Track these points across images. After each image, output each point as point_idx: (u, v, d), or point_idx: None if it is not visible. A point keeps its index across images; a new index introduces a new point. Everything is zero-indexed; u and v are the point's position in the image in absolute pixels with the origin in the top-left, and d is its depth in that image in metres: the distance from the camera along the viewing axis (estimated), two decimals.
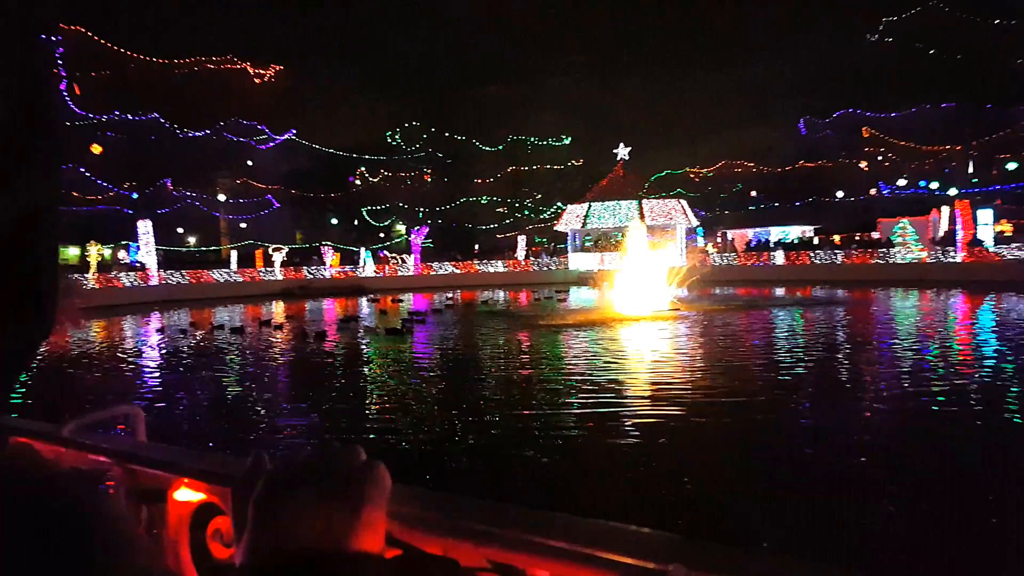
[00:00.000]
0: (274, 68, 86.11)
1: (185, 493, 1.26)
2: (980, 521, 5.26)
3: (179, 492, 1.26)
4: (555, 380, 11.37)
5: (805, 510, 5.57)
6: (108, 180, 65.11)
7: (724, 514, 5.63)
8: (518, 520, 0.63)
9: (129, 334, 22.07)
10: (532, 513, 0.64)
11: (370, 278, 45.06)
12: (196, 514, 1.29)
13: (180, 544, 1.29)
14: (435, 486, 0.63)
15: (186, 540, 1.29)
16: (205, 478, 1.21)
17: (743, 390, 10.03)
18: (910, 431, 7.95)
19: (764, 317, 19.93)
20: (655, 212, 44.72)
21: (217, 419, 9.80)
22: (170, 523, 1.27)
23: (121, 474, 1.30)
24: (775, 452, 7.22)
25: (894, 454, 7.11)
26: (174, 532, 1.29)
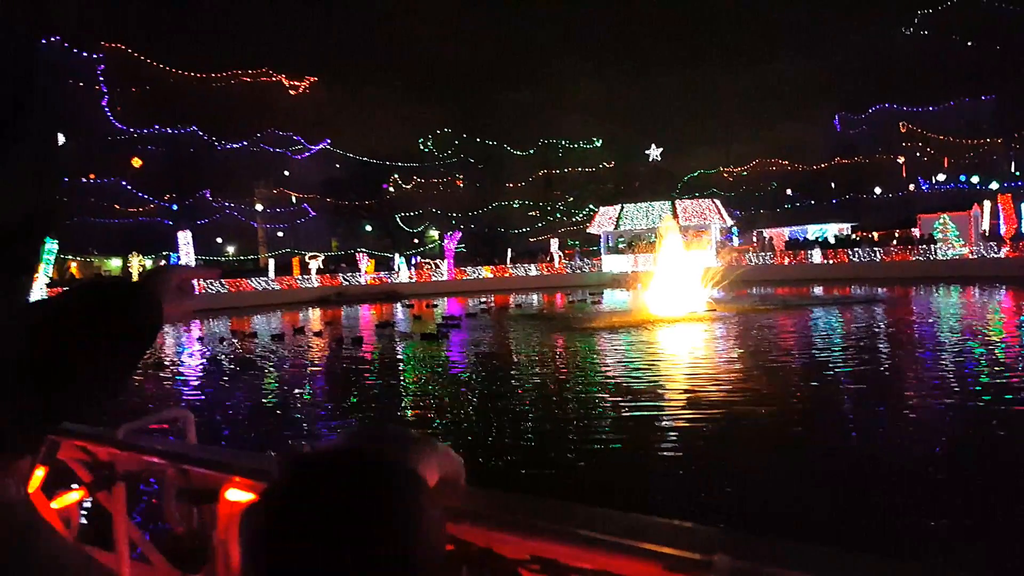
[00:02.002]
0: (308, 79, 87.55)
1: (236, 493, 1.28)
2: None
3: (230, 492, 1.28)
4: (591, 383, 11.29)
5: (852, 515, 5.42)
6: (148, 192, 66.90)
7: (767, 518, 5.52)
8: (562, 514, 0.63)
9: (172, 341, 22.61)
10: (575, 507, 0.64)
11: (405, 284, 45.44)
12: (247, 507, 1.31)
13: (231, 543, 1.31)
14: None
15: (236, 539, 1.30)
16: (256, 477, 1.23)
17: (784, 392, 9.83)
18: (961, 434, 7.69)
19: (803, 317, 19.52)
20: (688, 212, 44.23)
21: (261, 422, 9.97)
22: (220, 523, 1.29)
23: (174, 475, 1.32)
24: (818, 455, 7.06)
25: (943, 456, 6.89)
26: (224, 532, 1.30)
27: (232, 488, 1.25)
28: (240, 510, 1.32)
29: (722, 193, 66.81)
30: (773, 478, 6.35)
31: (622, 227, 46.50)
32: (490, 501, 0.66)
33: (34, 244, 0.36)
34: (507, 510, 0.64)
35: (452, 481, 0.56)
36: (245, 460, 1.27)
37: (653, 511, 0.62)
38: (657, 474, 6.71)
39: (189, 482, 1.30)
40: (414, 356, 15.88)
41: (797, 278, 37.09)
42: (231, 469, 1.26)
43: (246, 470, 1.24)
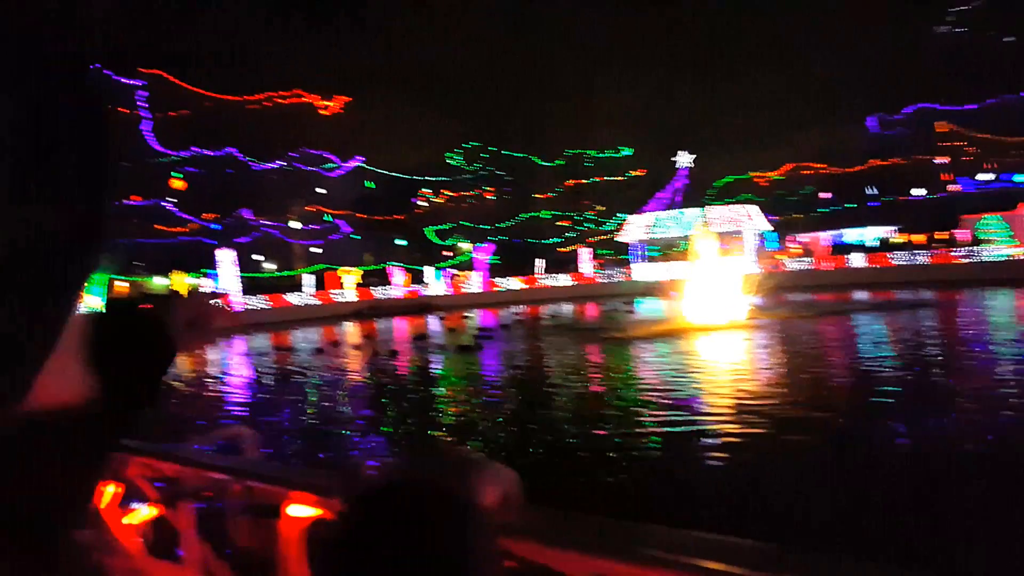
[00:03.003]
0: (339, 99, 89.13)
1: (298, 508, 1.31)
2: None
3: (291, 508, 1.31)
4: (630, 394, 11.18)
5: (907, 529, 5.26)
6: (190, 212, 68.64)
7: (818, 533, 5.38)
8: (624, 533, 0.62)
9: (218, 357, 23.08)
10: (636, 527, 0.63)
11: (438, 296, 45.73)
12: (311, 529, 1.34)
13: (292, 558, 1.34)
14: None
15: (298, 553, 1.33)
16: (317, 493, 1.26)
17: (831, 402, 9.60)
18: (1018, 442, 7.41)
19: (846, 323, 19.07)
20: (722, 219, 43.71)
21: (311, 436, 10.11)
22: (283, 537, 1.33)
23: (238, 491, 1.36)
24: (868, 468, 6.86)
25: (1000, 465, 6.64)
26: (287, 546, 1.34)
27: (293, 504, 1.28)
28: (302, 526, 1.35)
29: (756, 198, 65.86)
30: (823, 491, 6.20)
31: (654, 235, 46.13)
32: (551, 519, 0.66)
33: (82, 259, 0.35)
34: (568, 529, 0.64)
35: (511, 499, 0.57)
36: (305, 477, 1.30)
37: (699, 524, 0.63)
38: (702, 486, 6.60)
39: (252, 497, 1.33)
40: (451, 368, 15.95)
41: (838, 283, 36.28)
42: (292, 485, 1.29)
43: (307, 486, 1.26)
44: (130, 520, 1.36)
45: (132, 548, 1.38)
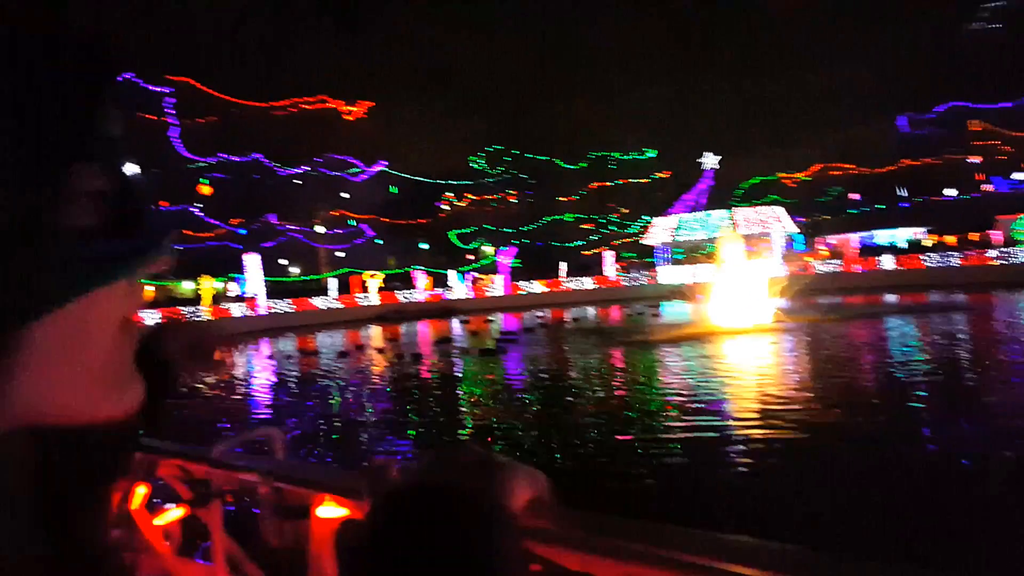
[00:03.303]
0: (363, 104, 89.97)
1: (327, 509, 1.29)
2: None
3: (321, 508, 1.30)
4: (655, 398, 11.08)
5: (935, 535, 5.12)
6: (217, 217, 69.70)
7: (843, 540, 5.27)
8: (657, 536, 0.61)
9: (244, 360, 23.38)
10: (669, 529, 0.62)
11: (461, 300, 45.85)
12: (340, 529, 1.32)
13: (324, 558, 1.32)
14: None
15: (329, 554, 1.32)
16: (346, 495, 1.24)
17: (860, 407, 9.41)
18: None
19: (877, 327, 18.71)
20: (749, 221, 43.21)
21: (336, 438, 10.19)
22: (314, 538, 1.31)
23: (268, 492, 1.35)
24: (897, 473, 6.71)
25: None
26: (317, 547, 1.32)
27: (322, 505, 1.26)
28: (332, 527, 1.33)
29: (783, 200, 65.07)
30: (851, 497, 6.07)
31: (679, 238, 45.78)
32: (583, 522, 0.65)
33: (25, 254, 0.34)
34: (601, 532, 0.63)
35: (541, 502, 0.57)
36: (334, 478, 1.28)
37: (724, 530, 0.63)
38: (727, 492, 6.50)
39: (281, 498, 1.32)
40: (474, 372, 15.96)
41: (868, 286, 35.66)
42: (321, 487, 1.27)
43: (336, 488, 1.25)
44: (160, 521, 1.36)
45: (162, 549, 1.38)
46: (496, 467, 0.51)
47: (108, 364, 0.35)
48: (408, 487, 0.46)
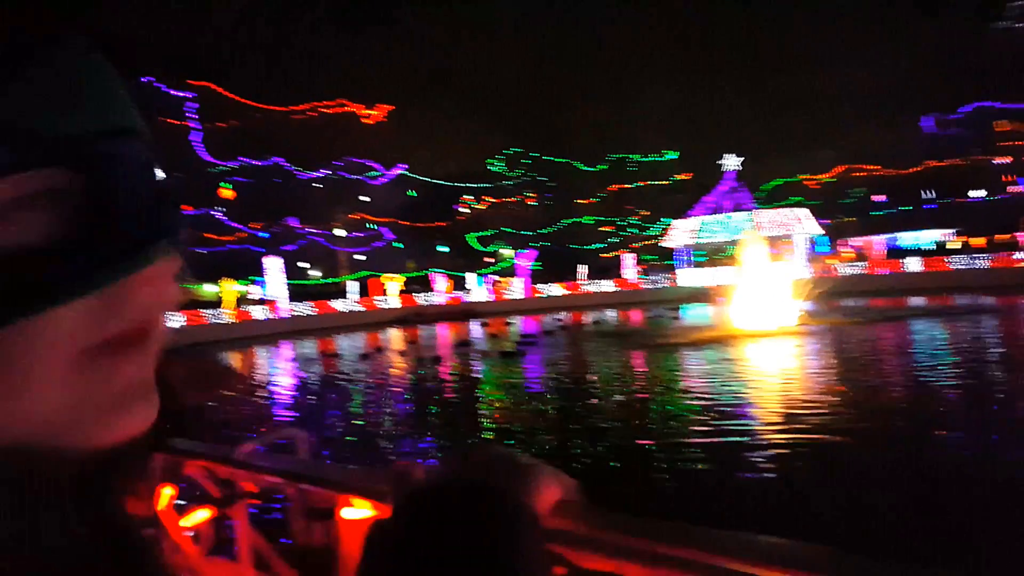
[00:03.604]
0: (382, 108, 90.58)
1: (351, 511, 1.28)
2: None
3: (347, 509, 1.28)
4: (677, 401, 10.99)
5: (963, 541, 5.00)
6: (239, 221, 70.52)
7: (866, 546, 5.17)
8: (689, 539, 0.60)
9: (266, 363, 23.61)
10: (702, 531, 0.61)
11: (480, 303, 45.87)
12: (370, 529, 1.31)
13: (353, 558, 1.31)
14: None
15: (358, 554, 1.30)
16: (369, 495, 1.22)
17: (886, 411, 9.25)
18: None
19: (903, 330, 18.41)
20: (771, 223, 42.79)
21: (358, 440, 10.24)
22: (343, 538, 1.29)
23: (293, 494, 1.34)
24: (923, 478, 6.58)
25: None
26: (347, 547, 1.31)
27: (347, 507, 1.25)
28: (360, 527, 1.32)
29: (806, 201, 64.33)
30: (875, 503, 5.96)
31: (700, 240, 45.46)
32: (614, 523, 0.64)
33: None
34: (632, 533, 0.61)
35: (568, 502, 0.56)
36: (359, 478, 1.26)
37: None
38: (750, 497, 6.42)
39: (306, 499, 1.31)
40: (494, 374, 15.95)
41: (893, 288, 35.13)
42: (345, 488, 1.26)
43: (361, 489, 1.23)
44: (187, 522, 1.35)
45: (189, 549, 1.37)
46: (521, 468, 0.51)
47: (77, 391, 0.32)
48: (431, 486, 0.46)
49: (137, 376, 0.34)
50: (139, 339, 0.34)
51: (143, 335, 0.34)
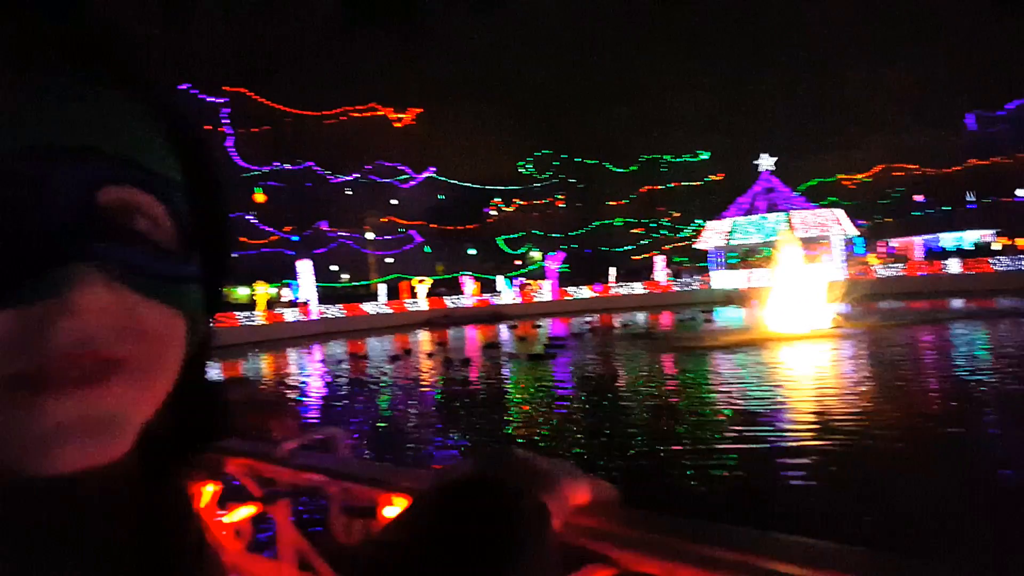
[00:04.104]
0: (412, 111, 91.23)
1: (395, 509, 1.26)
2: None
3: (388, 509, 1.27)
4: (707, 405, 10.86)
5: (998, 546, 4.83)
6: (271, 225, 71.60)
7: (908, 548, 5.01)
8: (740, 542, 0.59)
9: (299, 364, 23.93)
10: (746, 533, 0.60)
11: (509, 305, 45.90)
12: None
13: None
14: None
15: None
16: (412, 494, 1.21)
17: (922, 415, 9.02)
18: None
19: (941, 333, 17.93)
20: (807, 223, 42.06)
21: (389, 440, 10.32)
22: None
23: (335, 492, 1.33)
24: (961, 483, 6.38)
25: None
26: None
27: (388, 506, 1.23)
28: None
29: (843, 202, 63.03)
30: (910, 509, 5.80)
31: (733, 241, 44.90)
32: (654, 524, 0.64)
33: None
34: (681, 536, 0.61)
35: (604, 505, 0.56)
36: (401, 477, 1.25)
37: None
38: (782, 502, 6.30)
39: (349, 497, 1.30)
40: (522, 376, 15.93)
41: (933, 290, 34.24)
42: (387, 486, 1.24)
43: (403, 488, 1.22)
44: (228, 519, 1.35)
45: (231, 546, 1.37)
46: (540, 470, 0.51)
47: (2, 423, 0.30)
48: (448, 482, 0.46)
49: (82, 412, 0.31)
50: (79, 376, 0.31)
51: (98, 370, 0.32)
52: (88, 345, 0.31)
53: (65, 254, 0.30)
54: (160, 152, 0.36)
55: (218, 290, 0.40)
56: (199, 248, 0.37)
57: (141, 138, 0.35)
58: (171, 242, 0.35)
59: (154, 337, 0.34)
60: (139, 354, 0.33)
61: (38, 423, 0.30)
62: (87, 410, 0.31)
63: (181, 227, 0.36)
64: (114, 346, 0.32)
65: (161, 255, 0.34)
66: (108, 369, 0.32)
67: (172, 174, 0.36)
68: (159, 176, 0.35)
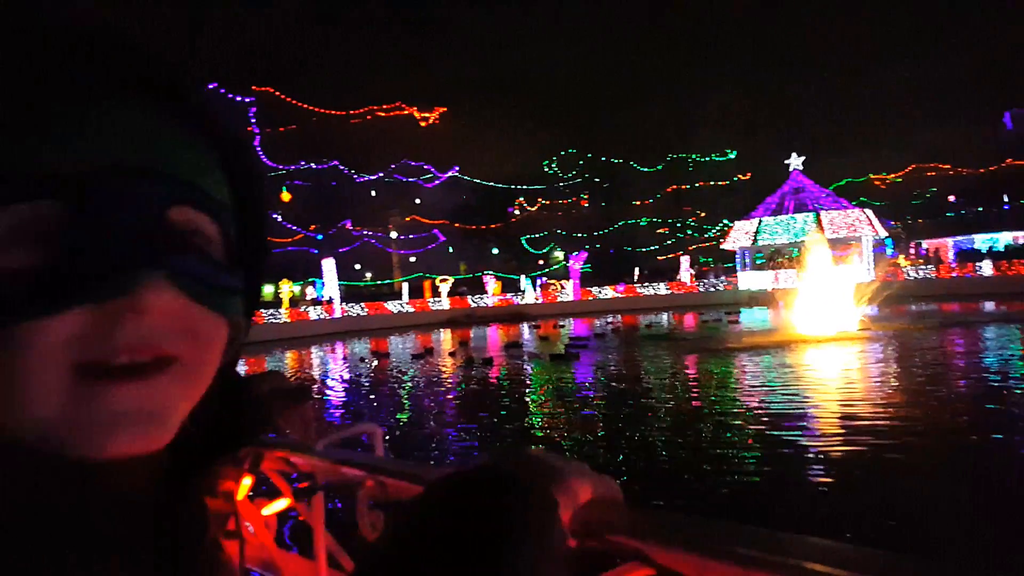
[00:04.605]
0: (437, 110, 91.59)
1: None
2: None
3: None
4: (730, 408, 10.75)
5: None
6: (296, 223, 72.37)
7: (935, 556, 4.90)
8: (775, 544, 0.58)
9: (322, 362, 24.16)
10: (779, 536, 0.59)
11: (531, 305, 45.87)
12: None
13: None
14: None
15: None
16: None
17: (951, 420, 8.85)
18: None
19: (972, 337, 17.57)
20: (836, 224, 41.43)
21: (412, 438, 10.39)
22: None
23: (372, 487, 1.33)
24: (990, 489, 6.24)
25: None
26: None
27: None
28: None
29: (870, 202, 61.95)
30: (941, 512, 5.69)
31: (760, 242, 44.40)
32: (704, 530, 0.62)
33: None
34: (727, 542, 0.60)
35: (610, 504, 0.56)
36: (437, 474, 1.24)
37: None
38: (807, 504, 6.22)
39: (384, 493, 1.30)
40: (543, 376, 15.91)
41: (965, 293, 33.52)
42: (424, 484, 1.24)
43: None
44: (265, 512, 1.37)
45: (265, 539, 1.39)
46: (552, 466, 0.52)
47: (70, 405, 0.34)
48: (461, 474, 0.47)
49: (136, 404, 0.35)
50: (146, 368, 0.36)
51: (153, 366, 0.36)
52: (149, 342, 0.35)
53: (139, 261, 0.35)
54: (216, 178, 0.41)
55: (254, 300, 0.46)
56: (241, 263, 0.43)
57: (202, 165, 0.40)
58: (221, 257, 0.40)
59: (204, 339, 0.39)
60: (190, 354, 0.38)
61: (100, 409, 0.34)
62: (142, 401, 0.35)
63: (229, 245, 0.41)
64: (170, 345, 0.36)
65: (214, 268, 0.39)
66: (162, 365, 0.36)
67: (225, 199, 0.42)
68: (215, 200, 0.40)
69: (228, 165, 0.43)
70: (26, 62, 0.34)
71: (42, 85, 0.34)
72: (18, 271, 0.33)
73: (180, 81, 0.40)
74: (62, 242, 0.34)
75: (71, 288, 0.33)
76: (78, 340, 0.34)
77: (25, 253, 0.33)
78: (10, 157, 0.33)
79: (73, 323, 0.34)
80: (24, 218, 0.33)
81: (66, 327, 0.33)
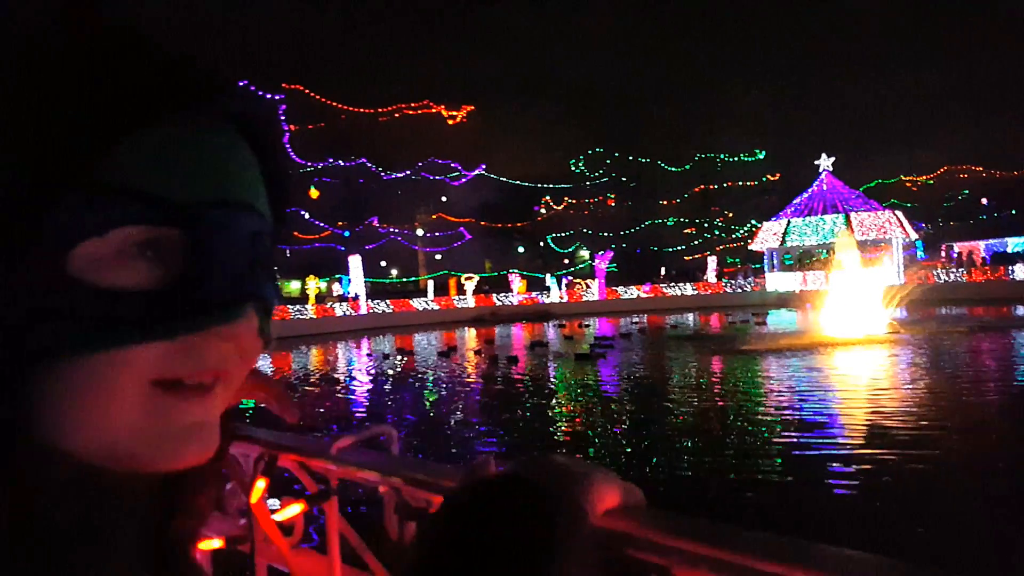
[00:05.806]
0: (465, 108, 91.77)
1: None
2: None
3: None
4: (756, 411, 10.60)
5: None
6: (324, 220, 73.05)
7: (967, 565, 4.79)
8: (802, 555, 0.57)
9: (349, 358, 24.36)
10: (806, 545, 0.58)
11: (556, 304, 45.77)
12: None
13: None
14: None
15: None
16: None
17: (982, 426, 8.63)
18: None
19: (1004, 341, 17.11)
20: (866, 226, 40.66)
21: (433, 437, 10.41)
22: None
23: (388, 491, 1.32)
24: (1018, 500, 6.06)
25: None
26: None
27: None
28: None
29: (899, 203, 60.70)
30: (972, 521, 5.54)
31: (789, 243, 43.75)
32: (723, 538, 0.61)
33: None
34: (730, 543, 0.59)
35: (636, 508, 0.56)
36: (455, 477, 1.22)
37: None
38: (834, 511, 6.10)
39: (401, 496, 1.29)
40: (568, 376, 15.85)
41: (997, 297, 32.67)
42: (440, 486, 1.22)
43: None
44: (279, 515, 1.36)
45: (279, 542, 1.38)
46: (576, 473, 0.51)
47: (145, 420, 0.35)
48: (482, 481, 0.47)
49: (200, 418, 0.38)
50: (208, 386, 0.38)
51: (213, 383, 0.38)
52: (224, 364, 0.38)
53: (244, 292, 0.37)
54: (263, 194, 0.42)
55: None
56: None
57: (259, 189, 0.41)
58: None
59: (250, 358, 0.41)
60: (235, 371, 0.40)
61: (172, 423, 0.36)
62: (204, 416, 0.38)
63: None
64: (231, 364, 0.39)
65: (279, 293, 0.42)
66: (215, 383, 0.38)
67: (270, 213, 0.43)
68: (268, 219, 0.42)
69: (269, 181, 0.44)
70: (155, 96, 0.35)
71: (169, 116, 0.35)
72: (131, 291, 0.34)
73: (259, 114, 0.41)
74: (174, 269, 0.35)
75: (181, 315, 0.35)
76: (165, 360, 0.35)
77: (139, 274, 0.34)
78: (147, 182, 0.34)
79: (170, 346, 0.35)
80: (143, 240, 0.34)
81: (162, 349, 0.35)
